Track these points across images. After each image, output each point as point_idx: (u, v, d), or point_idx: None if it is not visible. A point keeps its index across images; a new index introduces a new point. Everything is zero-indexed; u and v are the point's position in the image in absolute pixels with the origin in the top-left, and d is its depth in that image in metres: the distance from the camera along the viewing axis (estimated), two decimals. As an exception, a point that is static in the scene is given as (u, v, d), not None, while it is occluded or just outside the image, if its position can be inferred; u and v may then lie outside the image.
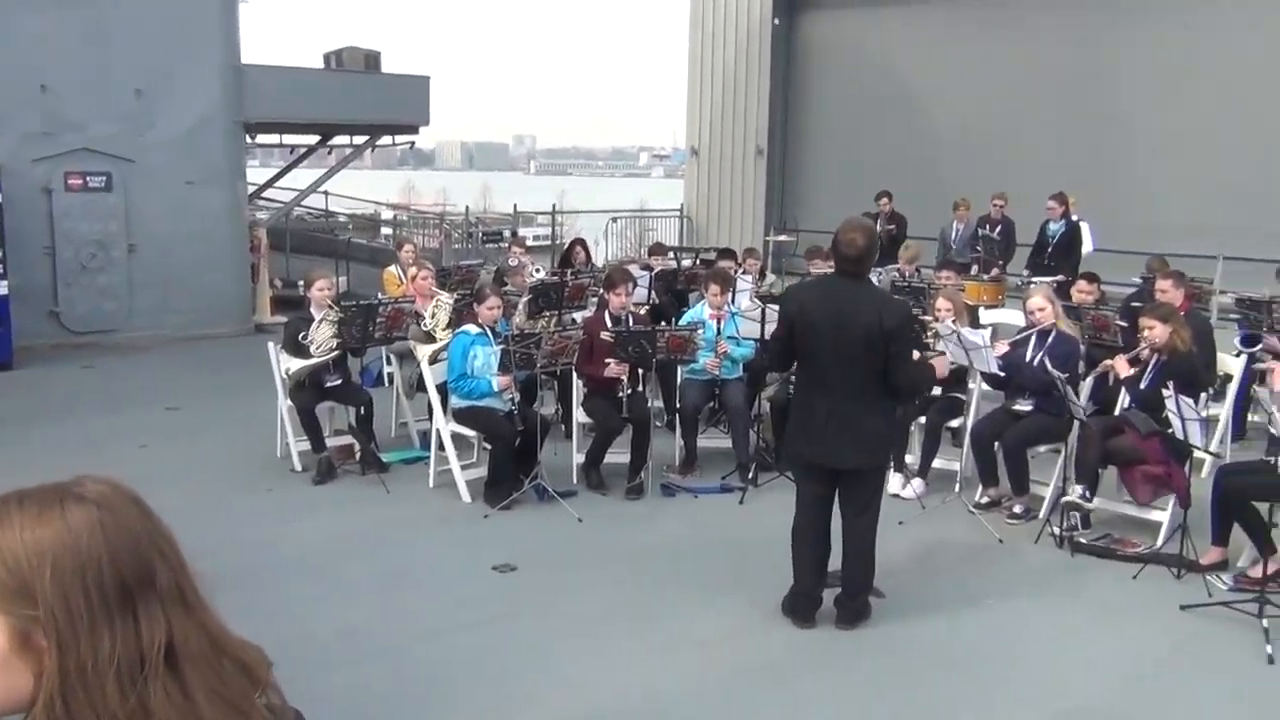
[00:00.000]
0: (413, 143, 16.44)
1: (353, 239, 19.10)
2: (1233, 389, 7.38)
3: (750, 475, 7.01)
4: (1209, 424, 6.97)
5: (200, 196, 12.17)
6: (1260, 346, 7.42)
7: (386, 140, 16.04)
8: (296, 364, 7.04)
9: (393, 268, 9.46)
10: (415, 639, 4.84)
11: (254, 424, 7.91)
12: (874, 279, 9.77)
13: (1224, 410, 7.39)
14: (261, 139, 15.64)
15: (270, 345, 7.37)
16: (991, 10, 16.01)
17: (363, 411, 7.17)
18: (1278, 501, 5.33)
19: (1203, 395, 6.77)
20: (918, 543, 6.06)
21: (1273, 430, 5.35)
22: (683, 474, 7.30)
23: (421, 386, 7.33)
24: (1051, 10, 15.36)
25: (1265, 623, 4.82)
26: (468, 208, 22.36)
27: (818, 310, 4.80)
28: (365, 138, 15.44)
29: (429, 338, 7.47)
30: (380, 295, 8.49)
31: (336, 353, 7.08)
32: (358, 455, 7.24)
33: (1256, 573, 5.23)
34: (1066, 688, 4.47)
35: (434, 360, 7.09)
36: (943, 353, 6.25)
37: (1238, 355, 7.44)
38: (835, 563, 5.04)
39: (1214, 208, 13.65)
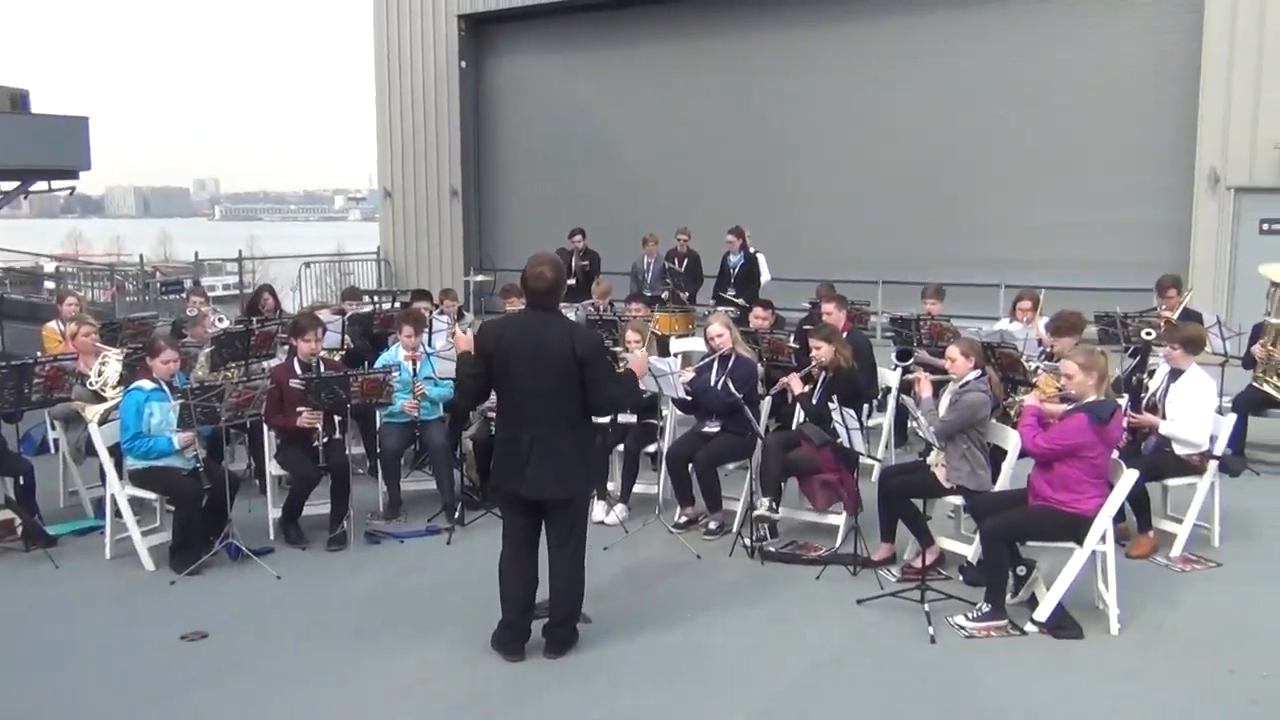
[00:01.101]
0: (73, 188, 15.17)
1: (8, 294, 17.31)
2: (892, 399, 8.14)
3: (457, 515, 6.98)
4: (873, 432, 7.66)
5: None
6: (912, 360, 8.23)
7: (41, 186, 14.70)
8: (-63, 435, 6.29)
9: (53, 323, 8.68)
10: (92, 724, 4.44)
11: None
12: (571, 314, 10.08)
13: (886, 419, 8.14)
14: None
15: (-97, 416, 6.55)
16: (666, 56, 16.96)
17: (22, 482, 6.52)
18: (931, 497, 5.95)
19: (865, 406, 7.46)
20: (622, 566, 6.24)
21: (920, 433, 5.95)
22: (387, 520, 7.14)
23: (91, 450, 6.74)
24: (717, 57, 16.47)
25: (927, 607, 5.35)
26: (142, 256, 20.87)
27: (513, 343, 4.86)
28: (15, 184, 14.08)
29: (97, 397, 6.90)
30: (38, 354, 7.74)
31: (-14, 420, 6.40)
32: (19, 531, 6.56)
33: (919, 564, 5.79)
34: (758, 687, 4.74)
35: (104, 421, 6.55)
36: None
37: (895, 369, 8.22)
38: (543, 593, 5.11)
39: (874, 238, 15.12)
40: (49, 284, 21.02)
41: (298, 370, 6.82)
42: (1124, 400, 6.50)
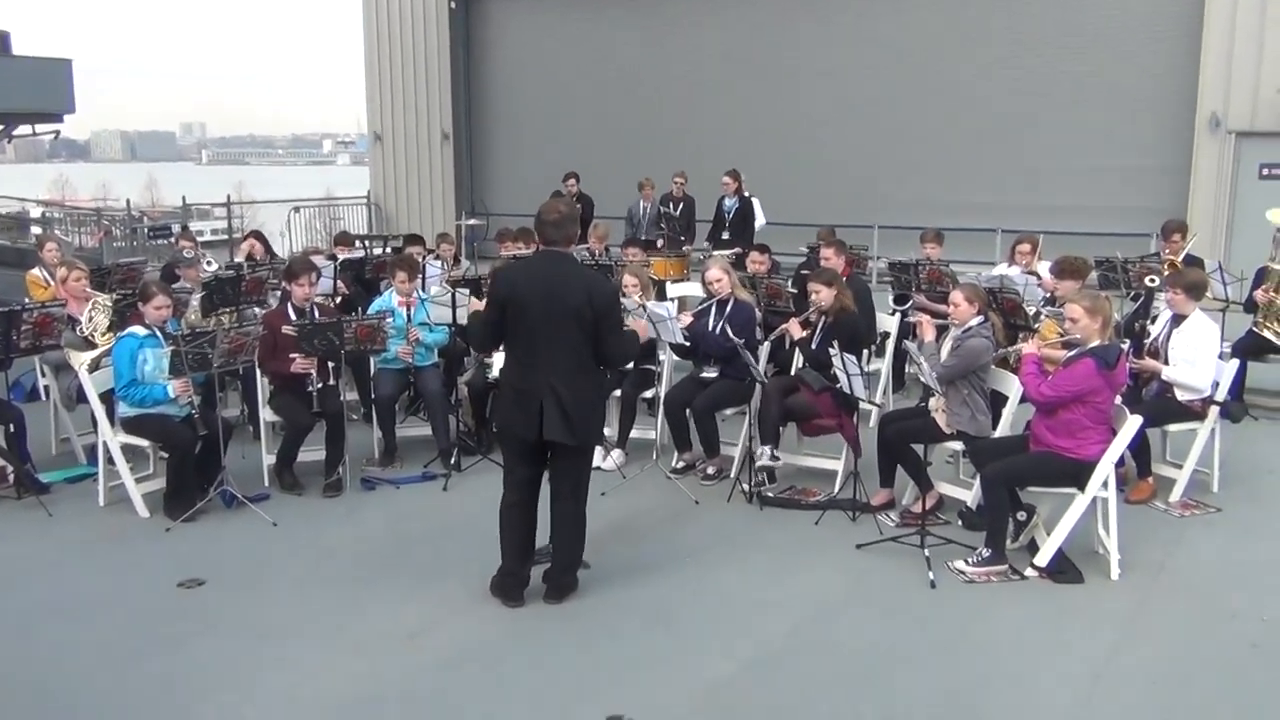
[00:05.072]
0: (57, 132, 14.91)
1: (-7, 240, 17.14)
2: (890, 344, 8.08)
3: (453, 461, 6.93)
4: (872, 377, 7.61)
5: None
6: (910, 304, 8.16)
7: (25, 129, 14.44)
8: (-75, 382, 6.20)
9: (36, 270, 8.57)
10: (90, 671, 4.40)
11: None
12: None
13: (884, 364, 8.09)
14: None
15: (-112, 364, 6.45)
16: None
17: (12, 429, 6.44)
18: (931, 442, 5.91)
19: (865, 352, 7.41)
20: (620, 512, 6.22)
21: (922, 379, 5.91)
22: (383, 466, 7.11)
23: (83, 397, 6.66)
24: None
25: (927, 552, 5.35)
26: (129, 201, 20.61)
27: (528, 289, 4.80)
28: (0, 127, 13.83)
29: (87, 344, 6.80)
30: (26, 301, 7.63)
31: (-26, 367, 6.30)
32: (11, 478, 6.50)
33: (918, 509, 5.77)
34: (757, 632, 4.74)
35: (95, 367, 6.47)
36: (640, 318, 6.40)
37: (893, 314, 8.15)
38: (541, 538, 5.08)
39: (869, 183, 14.96)
40: (35, 229, 20.80)
41: (292, 316, 6.73)
42: (1126, 345, 6.45)
